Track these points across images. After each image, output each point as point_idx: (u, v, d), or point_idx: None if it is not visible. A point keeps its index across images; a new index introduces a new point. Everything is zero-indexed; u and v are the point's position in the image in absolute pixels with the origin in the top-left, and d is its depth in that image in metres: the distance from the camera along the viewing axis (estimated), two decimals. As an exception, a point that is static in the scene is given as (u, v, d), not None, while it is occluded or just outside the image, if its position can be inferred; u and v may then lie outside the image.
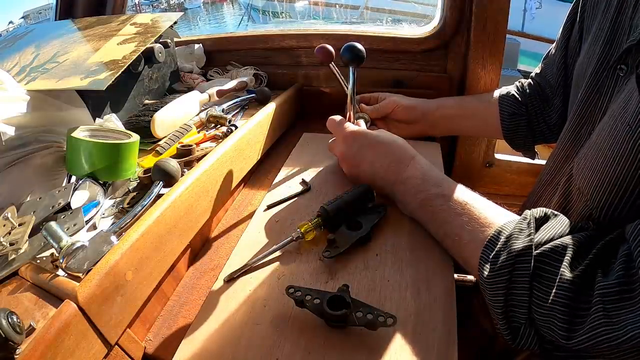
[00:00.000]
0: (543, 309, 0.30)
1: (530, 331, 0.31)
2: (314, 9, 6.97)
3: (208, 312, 0.38)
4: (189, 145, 0.54)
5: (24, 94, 0.47)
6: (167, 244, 0.40)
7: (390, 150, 0.49)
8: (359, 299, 0.35)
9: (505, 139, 0.66)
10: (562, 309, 0.28)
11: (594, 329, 0.27)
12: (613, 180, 0.33)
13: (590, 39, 0.46)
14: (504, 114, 0.64)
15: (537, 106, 0.62)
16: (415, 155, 0.48)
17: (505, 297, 0.32)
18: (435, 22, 0.75)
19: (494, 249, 0.34)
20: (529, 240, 0.32)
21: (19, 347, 0.27)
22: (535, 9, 4.74)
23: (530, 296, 0.31)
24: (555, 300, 0.29)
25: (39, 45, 0.66)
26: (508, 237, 0.33)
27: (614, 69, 0.39)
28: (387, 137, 0.51)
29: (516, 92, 0.65)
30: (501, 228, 0.35)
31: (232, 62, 0.88)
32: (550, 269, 0.30)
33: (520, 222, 0.34)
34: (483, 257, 0.34)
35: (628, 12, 0.39)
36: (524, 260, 0.31)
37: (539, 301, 0.30)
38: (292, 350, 0.33)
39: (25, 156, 0.46)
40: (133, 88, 0.67)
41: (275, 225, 0.49)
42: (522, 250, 0.31)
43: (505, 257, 0.32)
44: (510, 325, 0.32)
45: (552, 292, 0.29)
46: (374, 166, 0.49)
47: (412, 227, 0.46)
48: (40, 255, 0.37)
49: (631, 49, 0.36)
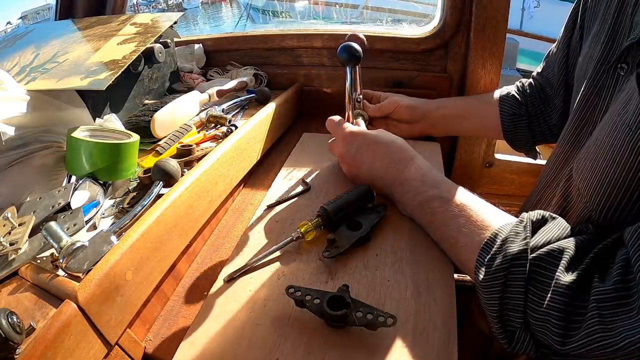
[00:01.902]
0: (538, 314, 0.29)
1: (525, 335, 0.31)
2: (314, 8, 6.97)
3: (208, 312, 0.38)
4: (189, 145, 0.54)
5: (24, 94, 0.47)
6: (167, 244, 0.40)
7: (390, 151, 0.49)
8: (359, 299, 0.35)
9: (506, 139, 0.66)
10: (557, 314, 0.28)
11: (589, 335, 0.26)
12: (612, 182, 0.33)
13: (590, 38, 0.46)
14: (504, 114, 0.64)
15: (537, 106, 0.62)
16: (415, 156, 0.48)
17: (501, 301, 0.32)
18: (435, 22, 0.75)
19: (489, 251, 0.33)
20: (524, 244, 0.31)
21: (19, 347, 0.27)
22: (534, 8, 4.74)
23: (526, 300, 0.30)
24: (550, 305, 0.29)
25: (39, 45, 0.66)
26: (504, 240, 0.33)
27: (615, 68, 0.39)
28: (386, 137, 0.51)
29: (516, 92, 0.65)
30: (497, 231, 0.35)
31: (232, 62, 0.88)
32: (545, 273, 0.30)
33: (517, 225, 0.34)
34: (479, 260, 0.34)
35: (628, 11, 0.39)
36: (519, 264, 0.31)
37: (534, 305, 0.30)
38: (292, 350, 0.33)
39: (25, 156, 0.46)
40: (133, 88, 0.67)
41: (275, 225, 0.49)
42: (517, 253, 0.31)
43: (500, 260, 0.32)
44: (506, 329, 0.32)
45: (547, 296, 0.29)
46: (373, 167, 0.49)
47: (412, 227, 0.46)
48: (40, 255, 0.37)
49: (631, 47, 0.36)
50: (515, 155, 0.82)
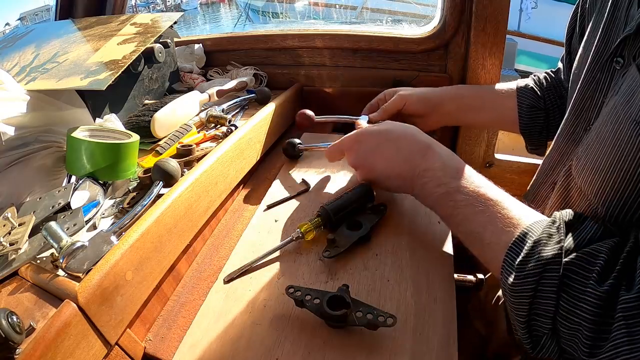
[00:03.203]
0: (569, 322, 0.28)
1: (552, 342, 0.30)
2: (313, 9, 6.97)
3: (208, 312, 0.38)
4: (189, 145, 0.54)
5: (24, 94, 0.47)
6: (167, 244, 0.40)
7: (402, 145, 0.45)
8: (359, 299, 0.35)
9: (522, 132, 0.63)
10: (589, 325, 0.26)
11: (616, 347, 0.25)
12: (620, 179, 0.32)
13: (587, 35, 0.46)
14: (522, 106, 0.61)
15: (554, 101, 0.60)
16: (432, 144, 0.44)
17: (530, 306, 0.30)
18: (435, 22, 0.75)
19: (519, 252, 0.31)
20: (559, 248, 0.30)
21: (19, 347, 0.27)
22: (531, 9, 4.74)
23: (557, 307, 0.29)
24: (582, 316, 0.27)
25: (39, 45, 0.66)
26: (536, 242, 0.31)
27: (610, 62, 0.38)
28: (394, 129, 0.47)
29: (534, 84, 0.63)
30: (527, 230, 0.32)
31: (232, 62, 0.88)
32: (579, 280, 0.28)
33: (549, 226, 0.31)
34: (508, 262, 0.32)
35: (624, 5, 0.39)
36: (553, 269, 0.29)
37: (566, 313, 0.28)
38: (292, 350, 0.33)
39: (25, 156, 0.46)
40: (133, 88, 0.67)
41: (275, 225, 0.49)
42: (551, 258, 0.29)
43: (533, 264, 0.30)
44: (532, 334, 0.31)
45: (580, 305, 0.27)
46: (388, 166, 0.45)
47: (412, 227, 0.46)
48: (40, 255, 0.37)
49: (627, 40, 0.36)
50: (515, 155, 0.82)
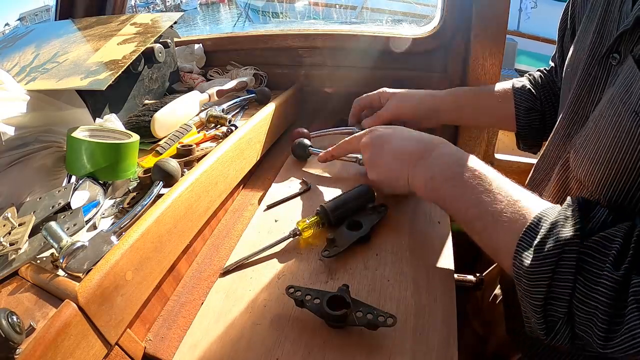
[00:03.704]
0: (586, 306, 0.27)
1: (566, 327, 0.29)
2: (313, 9, 6.97)
3: (208, 312, 0.38)
4: (189, 145, 0.54)
5: (24, 94, 0.47)
6: (167, 244, 0.40)
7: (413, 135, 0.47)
8: (359, 299, 0.35)
9: (519, 134, 0.64)
10: (605, 309, 0.26)
11: (631, 330, 0.24)
12: (622, 169, 0.31)
13: (579, 33, 0.45)
14: (520, 108, 0.61)
15: (549, 100, 0.61)
16: (441, 142, 0.45)
17: (548, 289, 0.29)
18: (435, 22, 0.75)
19: (535, 236, 0.31)
20: (577, 229, 0.29)
21: (19, 347, 0.27)
22: (531, 9, 4.73)
23: (573, 290, 0.28)
24: (599, 299, 0.26)
25: (39, 45, 0.66)
26: (553, 224, 0.30)
27: (607, 59, 0.38)
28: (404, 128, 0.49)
29: (531, 85, 0.63)
30: (541, 215, 0.32)
31: (232, 62, 0.88)
32: (596, 263, 0.28)
33: (565, 209, 0.31)
34: (523, 244, 0.31)
35: (616, 3, 0.39)
36: (571, 250, 0.28)
37: (582, 297, 0.28)
38: (293, 350, 0.33)
39: (25, 156, 0.46)
40: (133, 88, 0.67)
41: (276, 225, 0.49)
42: (570, 239, 0.29)
43: (552, 244, 0.29)
44: (547, 319, 0.30)
45: (597, 288, 0.27)
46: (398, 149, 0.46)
47: (412, 227, 0.46)
48: (40, 255, 0.37)
49: (623, 35, 0.35)
50: (515, 155, 0.82)
